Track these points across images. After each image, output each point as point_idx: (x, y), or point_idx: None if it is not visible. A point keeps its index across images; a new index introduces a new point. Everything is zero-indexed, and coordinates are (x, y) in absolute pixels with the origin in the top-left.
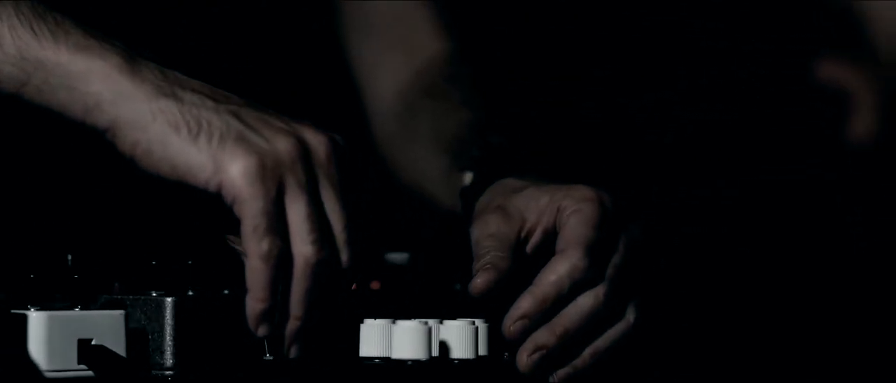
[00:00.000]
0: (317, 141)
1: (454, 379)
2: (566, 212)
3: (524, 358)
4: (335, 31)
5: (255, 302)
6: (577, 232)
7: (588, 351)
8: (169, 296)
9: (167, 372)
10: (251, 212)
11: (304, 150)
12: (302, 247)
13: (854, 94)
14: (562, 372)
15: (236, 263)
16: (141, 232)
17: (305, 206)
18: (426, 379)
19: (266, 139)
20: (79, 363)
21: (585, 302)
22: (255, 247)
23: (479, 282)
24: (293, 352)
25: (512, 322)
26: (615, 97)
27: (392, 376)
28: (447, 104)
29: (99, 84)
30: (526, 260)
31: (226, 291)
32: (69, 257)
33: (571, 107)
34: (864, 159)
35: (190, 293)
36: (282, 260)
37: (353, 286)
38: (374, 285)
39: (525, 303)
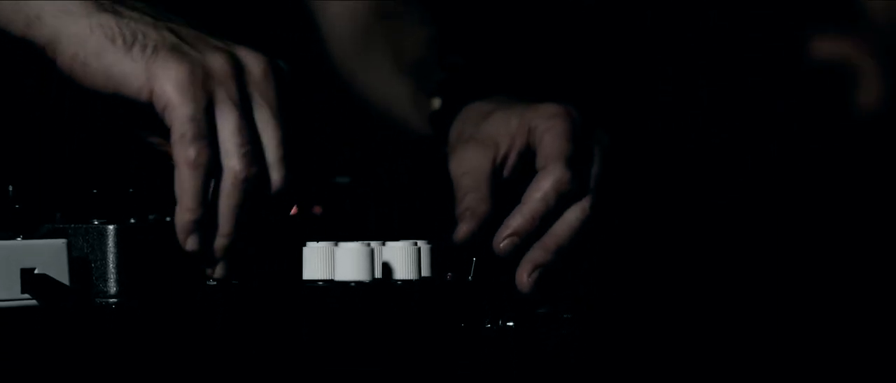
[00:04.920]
0: (253, 60)
1: (397, 299)
2: (538, 130)
3: (524, 278)
4: None
5: (183, 212)
6: (554, 146)
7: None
8: (111, 224)
9: (111, 300)
10: (179, 118)
11: (238, 68)
12: (230, 160)
13: (855, 65)
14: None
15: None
16: (81, 160)
17: (235, 120)
18: (369, 301)
19: (200, 52)
20: (22, 292)
21: (573, 215)
22: (182, 154)
23: (462, 230)
24: (219, 271)
25: (502, 239)
26: (575, 8)
27: (335, 298)
28: (402, 23)
29: None
30: (505, 184)
31: (168, 218)
32: (10, 187)
33: (529, 17)
34: (877, 127)
35: (132, 220)
36: (210, 169)
37: (294, 209)
38: (317, 209)
39: (515, 221)
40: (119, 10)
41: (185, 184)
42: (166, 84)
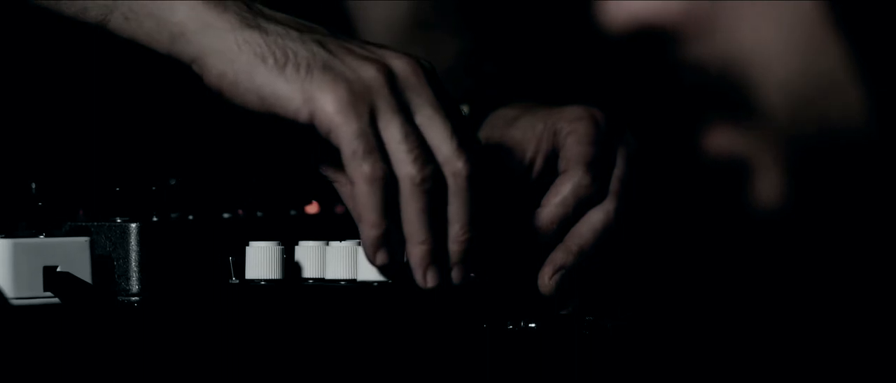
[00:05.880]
0: (402, 64)
1: (420, 300)
2: (562, 133)
3: (545, 280)
4: None
5: (368, 229)
6: (575, 150)
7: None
8: (134, 222)
9: (133, 298)
10: (347, 137)
11: (390, 76)
12: (404, 168)
13: (749, 157)
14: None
15: (200, 188)
16: (105, 158)
17: (400, 128)
18: (391, 301)
19: (351, 68)
20: (45, 290)
21: (596, 217)
22: (357, 171)
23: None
24: (431, 280)
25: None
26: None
27: (357, 298)
28: (437, 33)
29: (183, 14)
30: (532, 188)
31: (190, 217)
32: (33, 185)
33: (561, 28)
34: (779, 221)
35: (154, 218)
36: (387, 182)
37: (316, 208)
38: (339, 209)
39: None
40: (263, 24)
41: (366, 199)
42: (327, 105)
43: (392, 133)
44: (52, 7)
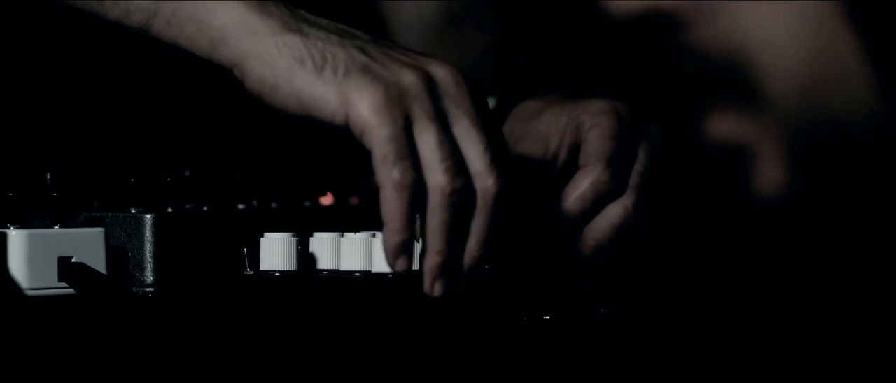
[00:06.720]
0: (442, 72)
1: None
2: (585, 127)
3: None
4: None
5: (391, 235)
6: (596, 145)
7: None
8: (148, 213)
9: (147, 289)
10: (379, 140)
11: (430, 83)
12: (435, 176)
13: (752, 145)
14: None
15: (215, 179)
16: (119, 149)
17: (435, 135)
18: (407, 292)
19: (391, 72)
20: (59, 280)
21: (615, 212)
22: (386, 176)
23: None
24: (438, 290)
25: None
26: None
27: (372, 289)
28: (467, 29)
29: (225, 18)
30: (557, 181)
31: (205, 208)
32: (48, 175)
33: (589, 22)
34: (782, 211)
35: (169, 210)
36: (416, 190)
37: (331, 200)
38: (353, 200)
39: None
40: (304, 29)
41: (392, 206)
42: (362, 107)
43: (426, 140)
44: (96, 9)
